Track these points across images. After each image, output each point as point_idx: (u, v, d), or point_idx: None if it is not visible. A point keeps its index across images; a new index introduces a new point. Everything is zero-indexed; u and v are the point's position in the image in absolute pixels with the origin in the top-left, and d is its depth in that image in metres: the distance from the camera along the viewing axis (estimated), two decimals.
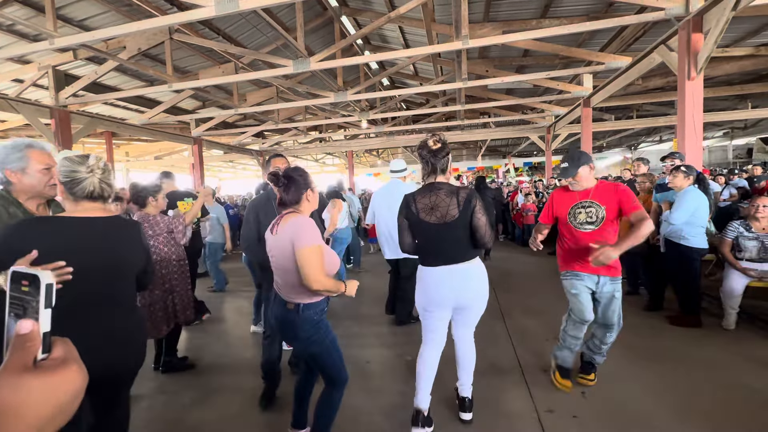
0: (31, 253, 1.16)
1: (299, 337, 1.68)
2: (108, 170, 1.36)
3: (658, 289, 3.83)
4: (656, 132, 15.47)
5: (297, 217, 1.63)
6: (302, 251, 1.55)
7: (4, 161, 1.49)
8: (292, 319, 1.67)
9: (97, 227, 1.32)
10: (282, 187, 1.66)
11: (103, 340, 1.29)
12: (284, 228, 1.61)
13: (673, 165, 3.71)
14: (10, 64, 5.83)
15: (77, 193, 1.29)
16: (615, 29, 5.65)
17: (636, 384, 2.48)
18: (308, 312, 1.66)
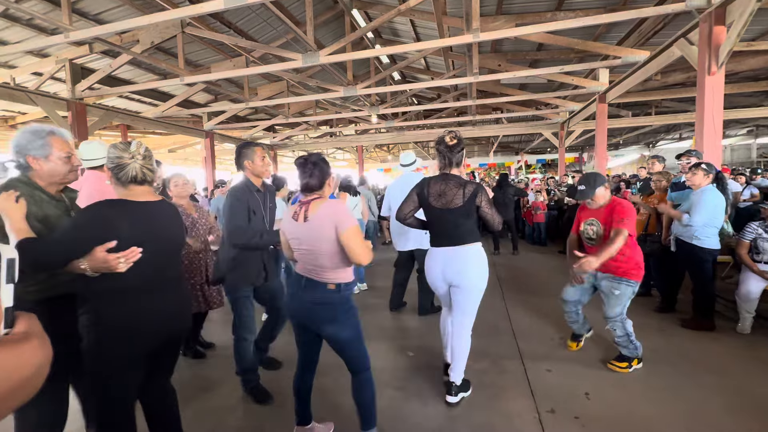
0: (111, 242, 1.34)
1: (338, 318, 1.71)
2: (149, 156, 1.47)
3: (670, 290, 3.73)
4: (676, 129, 14.99)
5: (330, 201, 1.69)
6: (348, 231, 1.63)
7: (27, 147, 1.52)
8: (332, 299, 1.71)
9: (156, 210, 1.50)
10: (308, 172, 1.71)
11: (174, 310, 1.56)
12: (318, 213, 1.66)
13: (688, 163, 3.60)
14: (29, 57, 5.98)
15: (122, 178, 1.42)
16: (633, 22, 5.47)
17: (643, 387, 2.42)
18: (347, 291, 1.73)
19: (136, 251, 1.39)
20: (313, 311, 1.74)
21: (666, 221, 3.74)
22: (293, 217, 1.74)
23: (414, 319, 3.72)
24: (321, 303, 1.72)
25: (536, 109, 9.76)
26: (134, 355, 1.44)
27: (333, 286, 1.71)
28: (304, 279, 1.75)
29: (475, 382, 2.49)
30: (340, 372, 2.07)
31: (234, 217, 2.18)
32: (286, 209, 3.31)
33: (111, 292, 1.40)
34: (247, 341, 2.39)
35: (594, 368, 2.67)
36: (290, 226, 1.76)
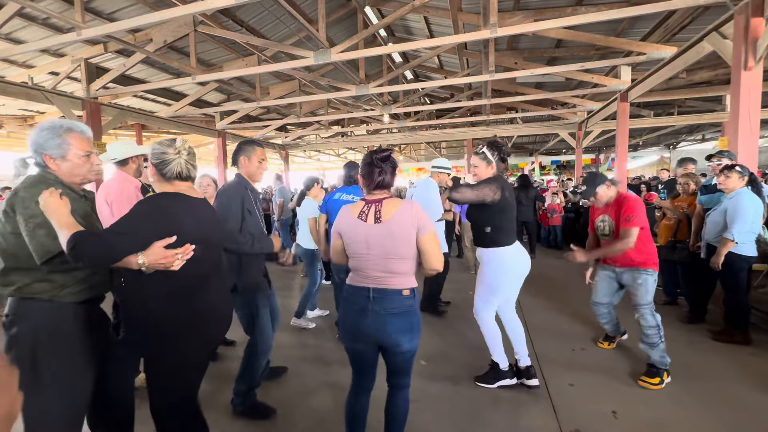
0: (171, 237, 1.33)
1: (414, 327, 1.57)
2: (193, 153, 1.48)
3: (700, 300, 3.50)
4: (699, 130, 14.45)
5: (408, 202, 1.58)
6: (429, 236, 1.55)
7: (43, 146, 1.42)
8: (410, 306, 1.57)
9: (202, 206, 1.49)
10: (380, 167, 1.58)
11: (226, 309, 1.59)
12: (397, 213, 1.53)
13: (720, 164, 3.37)
14: (46, 57, 6.06)
15: (167, 174, 1.41)
16: (660, 16, 5.23)
17: (675, 405, 2.24)
18: (417, 298, 1.62)
19: (190, 248, 1.37)
20: (389, 323, 1.53)
21: (695, 226, 3.52)
22: (359, 218, 1.56)
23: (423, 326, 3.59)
24: (399, 312, 1.54)
25: (552, 108, 9.49)
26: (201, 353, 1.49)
27: (408, 292, 1.56)
28: (371, 290, 1.55)
29: (493, 396, 2.35)
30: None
31: (226, 219, 2.01)
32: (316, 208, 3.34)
33: (172, 292, 1.38)
34: (263, 357, 2.23)
35: (620, 382, 2.49)
36: (355, 230, 1.57)
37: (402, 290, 1.55)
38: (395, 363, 1.62)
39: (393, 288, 1.55)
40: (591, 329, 3.25)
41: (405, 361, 1.62)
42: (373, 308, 1.55)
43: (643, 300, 2.58)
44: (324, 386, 2.53)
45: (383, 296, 1.54)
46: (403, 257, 1.53)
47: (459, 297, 4.32)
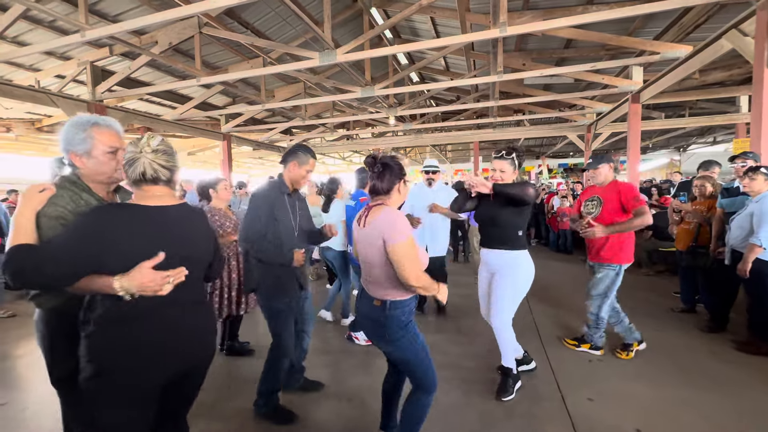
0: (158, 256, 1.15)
1: (386, 338, 1.60)
2: (160, 150, 1.22)
3: (721, 307, 3.35)
4: (710, 132, 14.17)
5: (387, 210, 1.55)
6: (397, 246, 1.48)
7: (69, 143, 1.34)
8: (378, 317, 1.60)
9: (173, 216, 1.26)
10: (376, 173, 1.58)
11: (192, 334, 1.30)
12: (373, 221, 1.54)
13: (744, 166, 3.23)
14: (52, 60, 6.06)
15: (131, 175, 1.22)
16: (674, 14, 5.08)
17: (699, 418, 2.10)
18: (396, 311, 1.58)
19: (183, 271, 1.21)
20: (364, 325, 1.70)
21: (716, 230, 3.37)
22: (358, 222, 1.65)
23: (429, 330, 3.46)
24: (369, 318, 1.65)
25: (560, 110, 9.35)
26: (141, 388, 1.20)
27: (378, 303, 1.59)
28: (363, 289, 1.71)
29: (507, 410, 2.22)
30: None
31: (253, 222, 2.04)
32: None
33: (116, 315, 1.16)
34: (283, 361, 2.19)
35: (642, 396, 2.35)
36: (355, 233, 1.69)
37: (374, 299, 1.60)
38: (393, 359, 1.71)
39: (370, 295, 1.63)
40: (608, 338, 3.10)
41: (399, 365, 1.68)
42: (359, 307, 1.72)
43: (594, 290, 2.84)
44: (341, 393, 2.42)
45: (365, 299, 1.66)
46: (374, 265, 1.56)
47: (465, 303, 4.19)
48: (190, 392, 1.41)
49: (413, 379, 1.67)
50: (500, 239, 2.37)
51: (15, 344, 3.47)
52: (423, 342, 1.65)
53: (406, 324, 1.61)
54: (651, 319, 3.64)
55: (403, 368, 1.67)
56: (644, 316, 3.69)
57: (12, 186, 9.73)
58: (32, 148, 11.75)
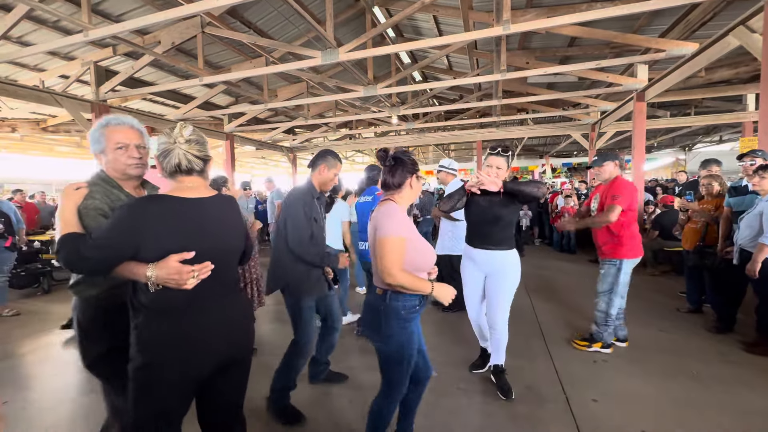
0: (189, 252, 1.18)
1: (381, 330, 1.56)
2: (192, 140, 1.23)
3: (728, 308, 3.30)
4: (716, 131, 14.04)
5: (390, 204, 1.56)
6: (382, 240, 1.49)
7: (91, 144, 1.46)
8: (378, 306, 1.57)
9: (208, 208, 1.26)
10: (388, 168, 1.58)
11: (231, 326, 1.30)
12: (376, 213, 1.58)
13: (753, 164, 3.17)
14: (57, 60, 6.10)
15: (166, 167, 1.23)
16: (681, 11, 5.02)
17: (705, 420, 2.06)
18: (396, 303, 1.55)
19: (209, 266, 1.21)
20: (364, 310, 1.69)
21: (723, 229, 3.33)
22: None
23: (432, 334, 3.44)
24: (369, 306, 1.63)
25: (563, 109, 9.28)
26: (186, 379, 1.22)
27: (380, 292, 1.58)
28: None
29: (510, 413, 2.19)
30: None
31: (299, 227, 2.07)
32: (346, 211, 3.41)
33: (159, 307, 1.19)
34: (305, 358, 2.23)
35: (648, 397, 2.32)
36: (369, 224, 1.70)
37: (377, 288, 1.59)
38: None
39: (375, 284, 1.61)
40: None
41: (380, 358, 1.62)
42: (367, 295, 1.70)
43: (599, 286, 2.87)
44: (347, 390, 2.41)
45: (372, 289, 1.64)
46: (374, 255, 1.57)
47: None
48: (241, 381, 1.41)
49: (383, 376, 1.63)
50: (500, 239, 2.33)
51: (19, 343, 3.49)
52: (413, 350, 1.59)
53: (405, 321, 1.56)
54: (656, 319, 3.60)
55: (382, 364, 1.62)
56: (649, 317, 3.65)
57: (17, 185, 9.81)
58: (37, 148, 11.83)
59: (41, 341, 3.50)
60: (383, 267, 1.48)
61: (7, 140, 10.43)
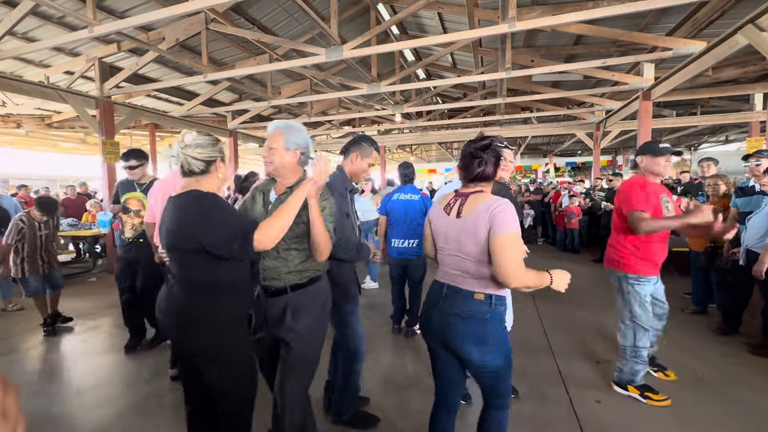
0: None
1: (487, 339, 1.36)
2: (192, 144, 1.38)
3: (734, 309, 3.27)
4: (722, 131, 13.93)
5: (493, 197, 1.38)
6: (503, 237, 1.29)
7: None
8: (483, 314, 1.37)
9: (168, 207, 1.43)
10: (478, 157, 1.42)
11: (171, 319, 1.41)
12: (476, 209, 1.36)
13: (758, 165, 3.15)
14: (62, 56, 6.11)
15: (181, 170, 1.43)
16: (688, 9, 4.97)
17: (707, 420, 2.05)
18: (501, 307, 1.39)
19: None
20: (453, 325, 1.41)
21: None
22: (445, 211, 1.48)
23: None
24: (468, 317, 1.39)
25: (568, 108, 9.22)
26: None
27: (481, 296, 1.38)
28: (445, 286, 1.46)
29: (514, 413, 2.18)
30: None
31: (342, 225, 1.81)
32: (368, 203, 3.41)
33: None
34: (361, 365, 2.07)
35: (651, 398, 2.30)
36: (439, 221, 1.50)
37: (474, 293, 1.39)
38: (475, 376, 1.44)
39: (465, 289, 1.41)
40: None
41: (485, 377, 1.41)
42: (442, 305, 1.45)
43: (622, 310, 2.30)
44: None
45: (454, 295, 1.43)
46: (472, 258, 1.37)
47: None
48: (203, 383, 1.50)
49: (495, 391, 1.44)
50: None
51: (22, 337, 3.51)
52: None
53: (505, 324, 1.43)
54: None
55: (488, 379, 1.42)
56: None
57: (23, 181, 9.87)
58: (42, 144, 11.90)
59: (44, 336, 3.53)
60: (507, 268, 1.29)
61: (12, 136, 10.49)
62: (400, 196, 3.30)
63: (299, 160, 1.59)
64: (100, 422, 2.20)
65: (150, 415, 2.26)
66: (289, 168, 1.59)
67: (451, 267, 1.45)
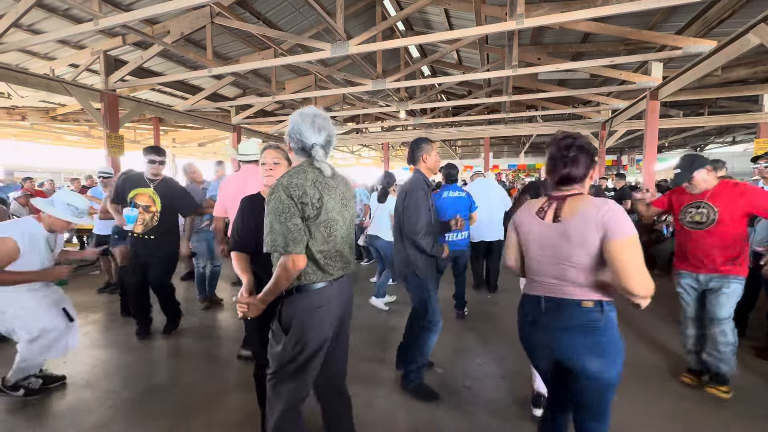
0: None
1: (605, 349, 1.25)
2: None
3: (740, 312, 3.23)
4: (729, 132, 13.81)
5: (596, 199, 1.29)
6: (621, 242, 1.18)
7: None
8: (592, 321, 1.26)
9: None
10: (570, 157, 1.33)
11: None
12: (579, 212, 1.27)
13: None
14: (67, 49, 6.11)
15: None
16: (698, 8, 4.91)
17: (712, 423, 2.04)
18: (612, 313, 1.29)
19: None
20: (563, 340, 1.30)
21: None
22: (537, 215, 1.38)
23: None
24: (578, 328, 1.28)
25: (573, 107, 9.15)
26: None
27: (590, 304, 1.27)
28: (542, 299, 1.35)
29: (518, 413, 2.17)
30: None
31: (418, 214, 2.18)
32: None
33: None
34: (435, 335, 2.36)
35: (656, 401, 2.29)
36: (531, 228, 1.39)
37: (581, 301, 1.28)
38: (579, 391, 1.32)
39: (569, 298, 1.30)
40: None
41: (593, 392, 1.30)
42: (546, 320, 1.34)
43: (726, 313, 2.29)
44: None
45: (557, 307, 1.32)
46: (577, 265, 1.27)
47: (475, 309, 4.14)
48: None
49: (596, 412, 1.32)
50: None
51: None
52: None
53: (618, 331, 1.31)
54: (666, 322, 3.55)
55: (595, 395, 1.30)
56: (659, 320, 3.61)
57: (27, 173, 9.91)
58: (47, 136, 11.93)
59: None
60: (630, 275, 1.17)
61: (17, 128, 10.52)
62: (449, 193, 3.65)
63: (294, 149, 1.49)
64: (104, 416, 2.21)
65: (152, 409, 2.26)
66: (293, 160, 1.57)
67: (547, 276, 1.35)
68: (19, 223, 2.31)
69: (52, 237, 2.41)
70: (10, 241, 2.13)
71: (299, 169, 1.42)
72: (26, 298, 2.26)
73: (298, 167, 1.44)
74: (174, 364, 2.88)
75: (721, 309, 2.28)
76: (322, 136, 1.43)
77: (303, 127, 1.43)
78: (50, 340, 2.32)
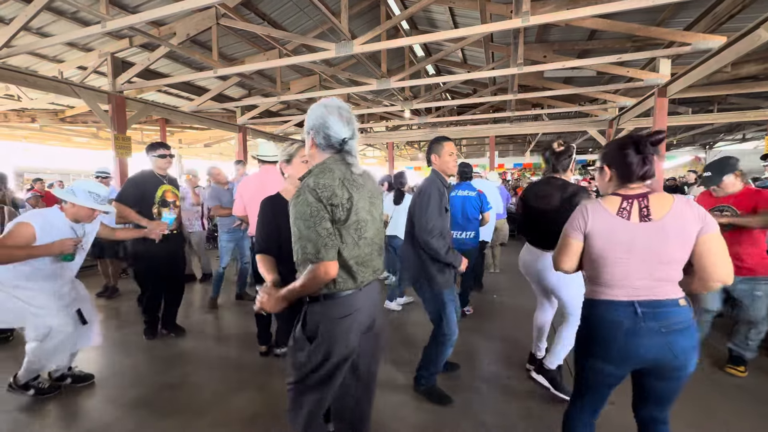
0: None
1: (696, 345, 1.31)
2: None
3: None
4: (739, 129, 13.59)
5: (682, 196, 1.34)
6: (714, 236, 1.25)
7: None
8: (690, 318, 1.30)
9: None
10: (644, 156, 1.34)
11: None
12: (675, 208, 1.28)
13: None
14: (75, 51, 6.18)
15: None
16: (707, 3, 4.84)
17: (720, 424, 2.01)
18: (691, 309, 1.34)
19: None
20: (674, 343, 1.28)
21: None
22: (619, 215, 1.32)
23: None
24: (683, 329, 1.28)
25: (580, 105, 9.06)
26: None
27: (684, 302, 1.31)
28: (635, 304, 1.31)
29: (525, 410, 2.17)
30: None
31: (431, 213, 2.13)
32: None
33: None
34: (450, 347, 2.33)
35: None
36: (612, 227, 1.33)
37: (678, 299, 1.30)
38: (673, 388, 1.36)
39: (667, 298, 1.30)
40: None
41: (675, 386, 1.35)
42: (648, 325, 1.29)
43: (763, 313, 2.47)
44: None
45: (658, 309, 1.29)
46: (675, 261, 1.28)
47: (476, 308, 4.12)
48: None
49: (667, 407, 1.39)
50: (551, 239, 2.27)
51: None
52: None
53: None
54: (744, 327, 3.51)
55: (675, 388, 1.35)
56: None
57: (37, 175, 10.05)
58: (56, 138, 12.08)
59: None
60: (724, 267, 1.26)
61: (27, 130, 10.67)
62: (458, 192, 3.68)
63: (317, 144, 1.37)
64: (113, 415, 2.24)
65: (162, 408, 2.29)
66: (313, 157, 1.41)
67: (638, 278, 1.31)
68: (43, 212, 2.30)
69: (80, 227, 2.37)
70: (29, 226, 2.14)
71: (323, 167, 1.28)
72: (39, 297, 2.25)
73: (322, 165, 1.29)
74: (181, 363, 2.91)
75: (760, 312, 2.47)
76: (350, 129, 1.32)
77: (330, 120, 1.29)
78: (57, 342, 2.30)
